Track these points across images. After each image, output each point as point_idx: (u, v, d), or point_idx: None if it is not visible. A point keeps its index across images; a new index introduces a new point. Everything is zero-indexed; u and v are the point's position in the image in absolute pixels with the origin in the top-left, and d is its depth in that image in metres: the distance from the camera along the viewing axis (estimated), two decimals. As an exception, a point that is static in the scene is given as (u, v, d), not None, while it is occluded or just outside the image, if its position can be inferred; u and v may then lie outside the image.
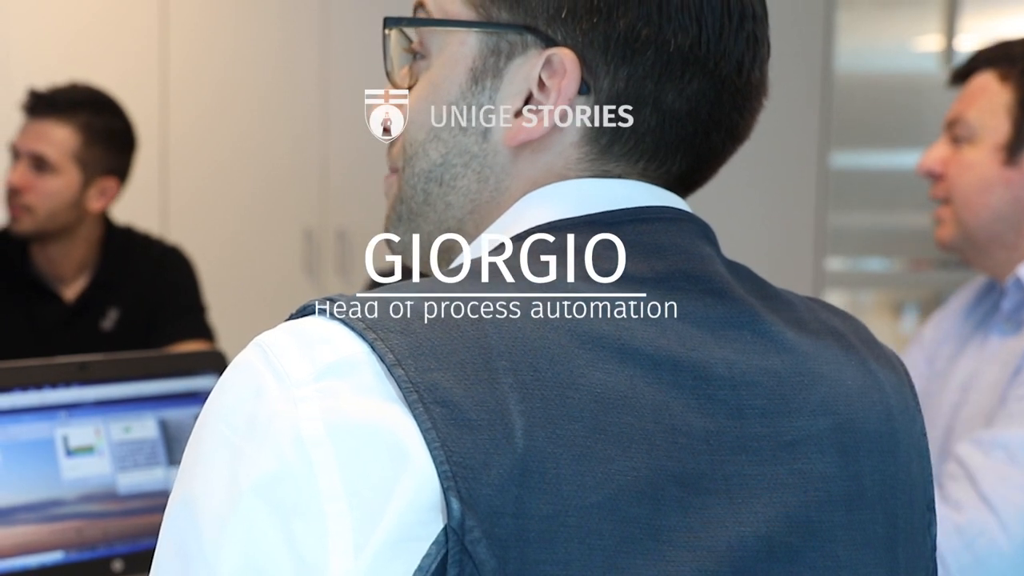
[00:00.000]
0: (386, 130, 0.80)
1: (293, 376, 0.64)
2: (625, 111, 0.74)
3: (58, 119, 2.22)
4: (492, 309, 0.67)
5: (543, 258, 0.71)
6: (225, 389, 0.67)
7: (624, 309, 0.69)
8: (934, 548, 0.80)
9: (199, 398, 1.42)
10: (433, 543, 0.61)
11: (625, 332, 0.68)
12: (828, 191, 3.83)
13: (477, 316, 0.66)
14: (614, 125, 0.74)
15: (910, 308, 4.45)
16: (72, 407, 1.35)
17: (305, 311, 0.68)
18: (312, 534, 0.62)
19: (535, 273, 0.70)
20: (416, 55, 0.78)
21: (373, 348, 0.64)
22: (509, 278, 0.70)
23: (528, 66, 0.74)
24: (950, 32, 4.23)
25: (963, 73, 1.56)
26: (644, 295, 0.71)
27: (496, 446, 0.62)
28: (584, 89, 0.74)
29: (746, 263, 0.80)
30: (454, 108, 0.76)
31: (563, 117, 0.74)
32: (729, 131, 0.77)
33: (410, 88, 0.79)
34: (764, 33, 0.77)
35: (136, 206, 3.03)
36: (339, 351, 0.65)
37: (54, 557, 1.31)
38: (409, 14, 0.80)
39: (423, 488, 0.61)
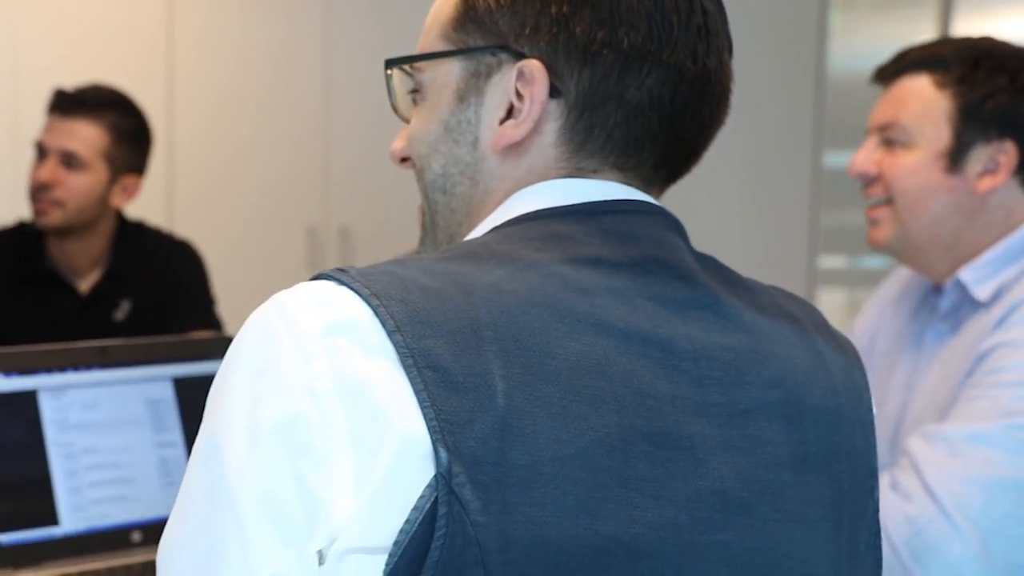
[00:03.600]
0: (403, 159, 0.93)
1: (304, 330, 0.73)
2: (593, 110, 0.84)
3: (88, 118, 2.30)
4: (482, 285, 0.76)
5: (529, 241, 0.81)
6: (244, 339, 0.76)
7: (599, 289, 0.78)
8: (876, 510, 0.89)
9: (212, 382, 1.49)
10: (427, 486, 0.70)
11: (600, 309, 0.77)
12: (821, 190, 3.89)
13: (467, 291, 0.75)
14: (585, 123, 0.84)
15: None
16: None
17: (319, 277, 0.78)
18: (320, 473, 0.71)
19: (521, 253, 0.79)
20: (417, 92, 0.91)
21: (376, 313, 0.73)
22: (498, 258, 0.79)
23: (505, 80, 0.85)
24: (944, 33, 4.29)
25: (890, 73, 1.58)
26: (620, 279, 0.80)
27: (480, 405, 0.71)
28: (555, 93, 0.84)
29: (741, 260, 0.89)
30: (447, 124, 0.88)
31: (539, 120, 0.85)
32: (694, 118, 0.86)
33: None
34: (717, 26, 0.87)
35: (142, 204, 3.08)
36: (346, 312, 0.74)
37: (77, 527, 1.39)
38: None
39: (416, 441, 0.70)
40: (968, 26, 4.28)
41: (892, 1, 4.49)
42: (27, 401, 1.37)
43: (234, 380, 0.75)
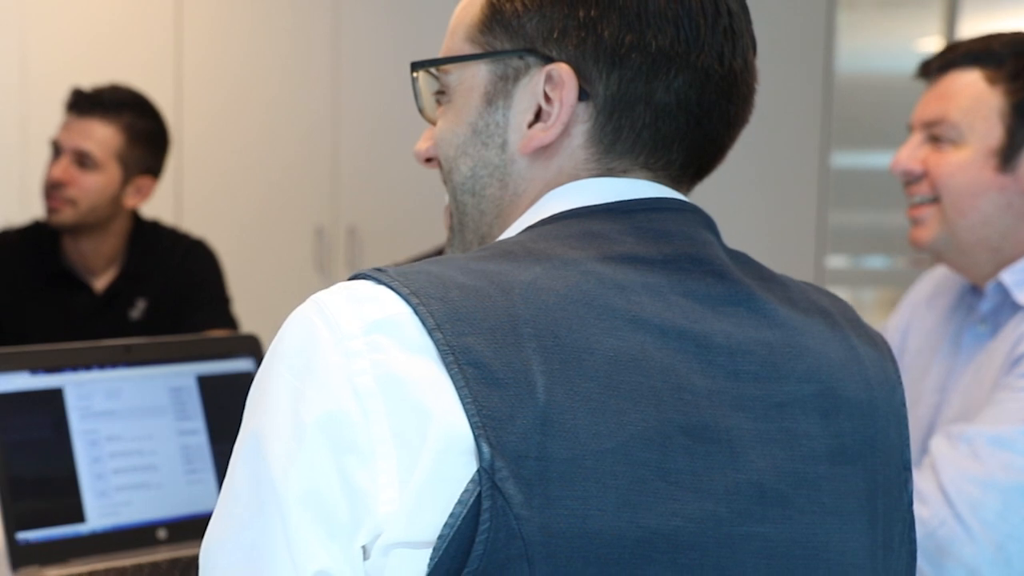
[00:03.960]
0: (428, 159, 0.93)
1: (344, 328, 0.74)
2: (622, 112, 0.85)
3: (103, 118, 2.32)
4: (519, 283, 0.76)
5: (564, 239, 0.82)
6: (285, 338, 0.77)
7: (635, 286, 0.79)
8: (910, 503, 0.89)
9: (235, 379, 1.50)
10: (470, 481, 0.71)
11: (636, 305, 0.78)
12: (829, 190, 3.90)
13: (505, 288, 0.76)
14: (615, 125, 0.85)
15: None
16: (117, 387, 1.43)
17: (357, 276, 0.78)
18: (363, 469, 0.72)
19: (556, 252, 0.80)
20: (443, 94, 0.91)
21: (416, 312, 0.74)
22: (535, 256, 0.80)
23: (533, 84, 0.86)
24: (949, 33, 4.29)
25: (937, 68, 1.52)
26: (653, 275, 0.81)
27: (520, 400, 0.72)
28: (583, 96, 0.85)
29: (748, 259, 0.89)
30: (475, 127, 0.89)
31: (568, 123, 0.85)
32: (721, 118, 0.87)
33: None
34: (742, 27, 0.88)
35: (151, 203, 3.10)
36: (385, 310, 0.75)
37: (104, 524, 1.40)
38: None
39: (457, 436, 0.71)
40: (974, 26, 4.28)
41: (897, 0, 4.50)
42: (53, 398, 1.37)
43: (276, 379, 0.75)
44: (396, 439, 0.72)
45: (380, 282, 0.76)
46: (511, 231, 0.88)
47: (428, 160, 0.93)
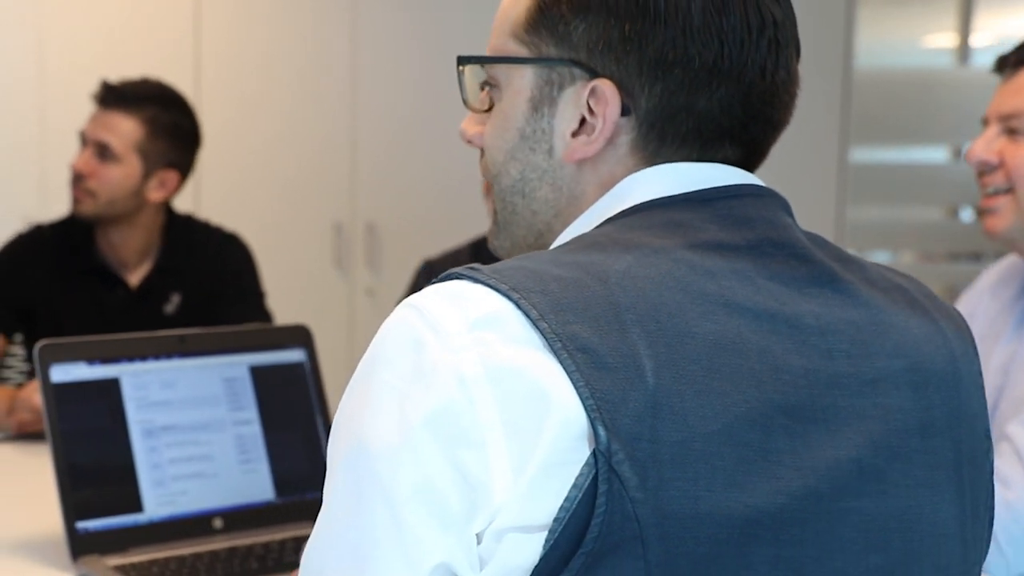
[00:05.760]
0: (469, 141, 0.95)
1: (448, 328, 0.75)
2: (664, 122, 0.86)
3: (125, 111, 2.32)
4: (614, 272, 0.77)
5: (648, 229, 0.83)
6: (385, 344, 0.77)
7: (723, 272, 0.81)
8: (992, 471, 0.91)
9: (287, 369, 1.50)
10: (584, 464, 0.72)
11: (727, 290, 0.79)
12: (848, 185, 3.90)
13: (601, 278, 0.77)
14: (658, 133, 0.87)
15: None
16: (172, 377, 1.44)
17: (449, 277, 0.79)
18: (476, 460, 0.73)
19: (644, 241, 0.81)
20: (490, 85, 0.93)
21: (518, 306, 0.75)
22: (623, 246, 0.81)
23: (577, 95, 0.88)
24: (965, 30, 4.30)
25: (1013, 62, 1.57)
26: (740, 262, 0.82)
27: (631, 384, 0.73)
28: (626, 112, 0.86)
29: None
30: (523, 132, 0.90)
31: (611, 137, 0.87)
32: (766, 123, 0.89)
33: (487, 110, 0.94)
34: (788, 35, 0.89)
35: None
36: (486, 308, 0.75)
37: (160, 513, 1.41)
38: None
39: (572, 421, 0.72)
40: (989, 21, 4.29)
41: (912, -4, 4.50)
42: (110, 389, 1.38)
43: (378, 384, 0.76)
44: (507, 427, 0.73)
45: (476, 280, 0.77)
46: (580, 224, 0.89)
47: (469, 141, 0.95)
